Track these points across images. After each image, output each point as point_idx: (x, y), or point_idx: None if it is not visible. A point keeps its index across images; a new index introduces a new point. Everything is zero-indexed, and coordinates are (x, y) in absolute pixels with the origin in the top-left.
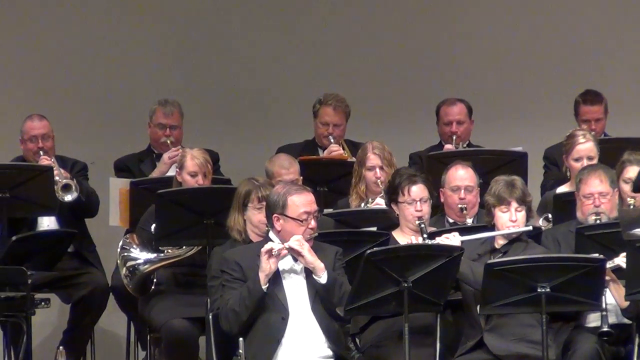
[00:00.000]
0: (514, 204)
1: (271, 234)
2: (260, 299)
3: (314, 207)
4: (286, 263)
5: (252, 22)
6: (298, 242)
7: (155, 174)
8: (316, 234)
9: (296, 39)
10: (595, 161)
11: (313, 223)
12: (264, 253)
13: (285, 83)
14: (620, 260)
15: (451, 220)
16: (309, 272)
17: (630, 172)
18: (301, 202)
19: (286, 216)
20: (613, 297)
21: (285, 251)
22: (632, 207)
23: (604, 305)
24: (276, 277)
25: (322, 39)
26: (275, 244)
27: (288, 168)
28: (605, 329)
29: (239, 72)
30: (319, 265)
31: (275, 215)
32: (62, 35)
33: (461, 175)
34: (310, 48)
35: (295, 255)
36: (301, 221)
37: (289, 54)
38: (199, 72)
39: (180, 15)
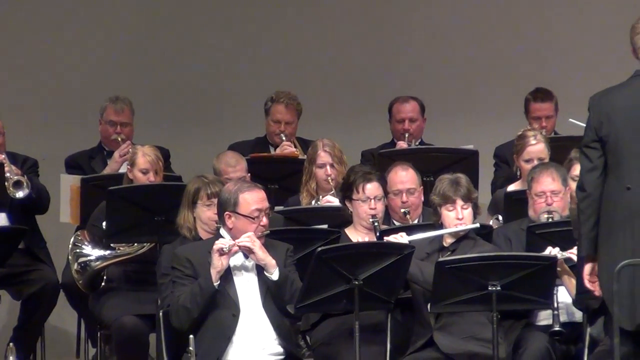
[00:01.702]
0: (460, 202)
1: (222, 231)
2: (211, 295)
3: (266, 204)
4: (237, 260)
5: (203, 20)
6: (249, 238)
7: (106, 171)
8: (268, 232)
9: (247, 37)
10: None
11: (265, 220)
12: (215, 250)
13: (236, 80)
14: (572, 252)
15: (397, 223)
16: (260, 269)
17: (578, 169)
18: (253, 199)
19: (238, 214)
20: (566, 288)
21: (236, 248)
22: None
23: (555, 304)
24: (227, 274)
25: (273, 37)
26: (226, 240)
27: (234, 166)
28: (557, 328)
29: (190, 69)
30: (270, 261)
31: (226, 212)
32: (13, 31)
33: (402, 178)
34: (262, 45)
35: (247, 252)
36: (253, 218)
37: (240, 51)
38: (150, 69)
39: (133, 13)
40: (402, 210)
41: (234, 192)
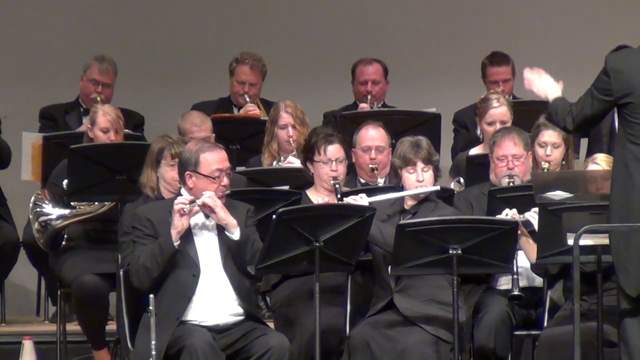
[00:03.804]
0: (420, 164)
1: (183, 191)
2: (171, 255)
3: (227, 164)
4: (198, 220)
5: None
6: (210, 198)
7: (82, 129)
8: (228, 192)
9: None
10: (508, 125)
11: (225, 180)
12: (176, 211)
13: (200, 40)
14: (530, 215)
15: (363, 181)
16: (220, 229)
17: (546, 136)
18: (213, 159)
19: (198, 173)
20: (524, 251)
21: (197, 208)
22: (546, 171)
23: (515, 269)
24: (187, 234)
25: None
26: (187, 200)
27: (199, 125)
28: (516, 292)
29: (155, 29)
30: (231, 221)
31: (187, 172)
32: None
33: (372, 136)
34: (226, 5)
35: (208, 211)
36: (213, 178)
37: (204, 10)
38: (113, 29)
39: None
40: (371, 166)
41: (195, 151)
